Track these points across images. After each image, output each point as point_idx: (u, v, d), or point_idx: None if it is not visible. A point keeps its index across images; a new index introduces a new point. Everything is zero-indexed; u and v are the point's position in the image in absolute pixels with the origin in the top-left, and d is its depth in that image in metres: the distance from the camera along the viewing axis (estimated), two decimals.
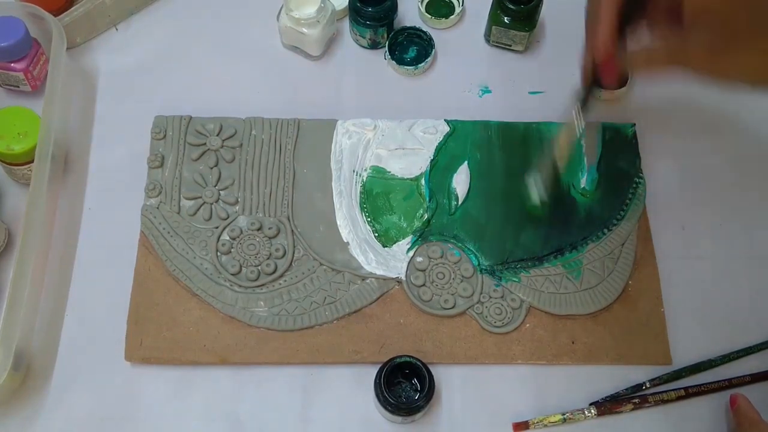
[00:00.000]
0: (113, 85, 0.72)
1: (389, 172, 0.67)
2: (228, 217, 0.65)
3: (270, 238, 0.64)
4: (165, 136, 0.68)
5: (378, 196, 0.66)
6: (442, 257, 0.63)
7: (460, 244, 0.64)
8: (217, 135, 0.68)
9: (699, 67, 0.50)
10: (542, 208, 0.63)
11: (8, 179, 0.67)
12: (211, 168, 0.67)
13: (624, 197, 0.66)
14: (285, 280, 0.63)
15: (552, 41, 0.74)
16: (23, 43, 0.66)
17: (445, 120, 0.69)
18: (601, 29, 0.52)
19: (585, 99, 0.58)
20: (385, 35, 0.73)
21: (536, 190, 0.62)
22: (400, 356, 0.56)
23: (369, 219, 0.65)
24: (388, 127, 0.68)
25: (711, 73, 0.51)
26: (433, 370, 0.56)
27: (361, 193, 0.66)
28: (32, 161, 0.62)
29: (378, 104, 0.71)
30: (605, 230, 0.65)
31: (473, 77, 0.73)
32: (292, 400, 0.59)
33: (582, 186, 0.66)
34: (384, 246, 0.64)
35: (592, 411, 0.58)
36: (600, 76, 0.55)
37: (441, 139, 0.68)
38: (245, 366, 0.60)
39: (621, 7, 0.52)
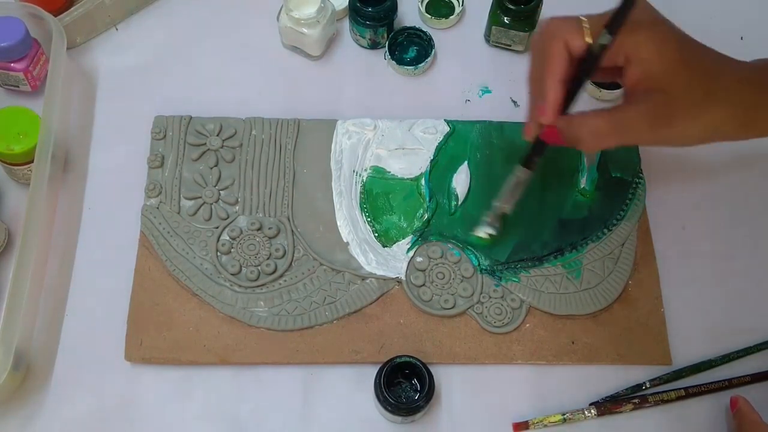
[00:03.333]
0: (113, 85, 0.72)
1: (389, 172, 0.67)
2: (228, 217, 0.65)
3: (270, 238, 0.64)
4: (165, 136, 0.68)
5: (378, 196, 0.66)
6: (442, 257, 0.63)
7: (460, 244, 0.64)
8: (217, 135, 0.68)
9: (641, 139, 0.52)
10: (484, 241, 0.62)
11: (8, 179, 0.67)
12: (211, 168, 0.67)
13: (624, 197, 0.66)
14: (285, 280, 0.63)
15: None
16: (23, 43, 0.66)
17: (445, 120, 0.69)
18: (547, 105, 0.52)
19: (528, 156, 0.57)
20: (385, 35, 0.73)
21: (485, 225, 0.61)
22: (400, 356, 0.56)
23: (369, 219, 0.65)
24: (388, 127, 0.68)
25: (653, 142, 0.53)
26: (433, 370, 0.56)
27: (361, 193, 0.66)
28: (32, 161, 0.62)
29: (378, 104, 0.71)
30: (605, 230, 0.65)
31: (473, 77, 0.73)
32: (292, 400, 0.59)
33: (582, 186, 0.66)
34: (384, 246, 0.64)
35: (592, 411, 0.58)
36: (545, 140, 0.55)
37: (441, 139, 0.68)
38: (245, 366, 0.60)
39: (565, 81, 0.51)
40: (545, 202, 0.66)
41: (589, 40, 0.50)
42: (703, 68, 0.50)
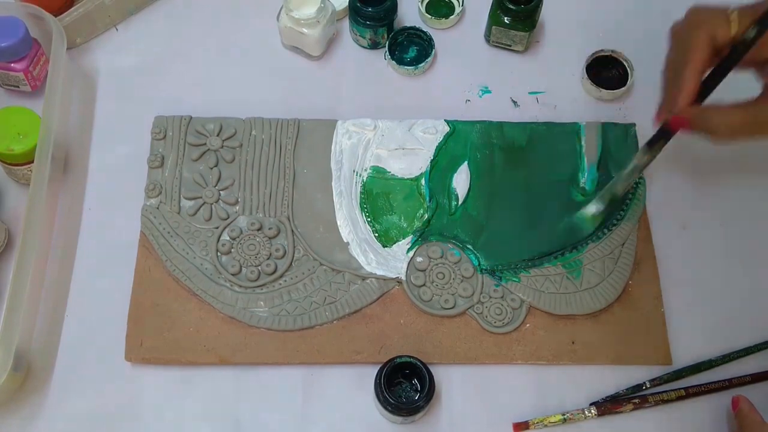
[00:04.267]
0: (113, 85, 0.72)
1: (389, 172, 0.67)
2: (228, 217, 0.65)
3: (270, 238, 0.64)
4: (165, 136, 0.68)
5: (378, 196, 0.66)
6: (442, 257, 0.63)
7: (460, 244, 0.64)
8: (217, 135, 0.68)
9: None
10: (591, 220, 0.64)
11: (8, 179, 0.67)
12: (211, 168, 0.67)
13: (624, 197, 0.66)
14: (285, 281, 0.63)
15: (552, 41, 0.74)
16: (23, 43, 0.66)
17: (445, 120, 0.69)
18: (682, 94, 0.51)
19: (653, 140, 0.58)
20: (385, 35, 0.73)
21: (591, 211, 0.64)
22: (400, 356, 0.56)
23: (369, 219, 0.65)
24: (388, 127, 0.68)
25: None
26: (433, 370, 0.56)
27: (361, 193, 0.66)
28: (32, 161, 0.62)
29: (378, 104, 0.71)
30: (605, 230, 0.65)
31: (473, 77, 0.73)
32: (292, 400, 0.59)
33: (582, 186, 0.66)
34: (384, 246, 0.64)
35: (592, 411, 0.58)
36: (674, 127, 0.55)
37: (441, 139, 0.68)
38: (245, 366, 0.60)
39: (704, 72, 0.51)
40: (545, 202, 0.66)
41: (734, 31, 0.49)
42: None
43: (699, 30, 0.51)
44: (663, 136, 0.57)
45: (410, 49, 0.74)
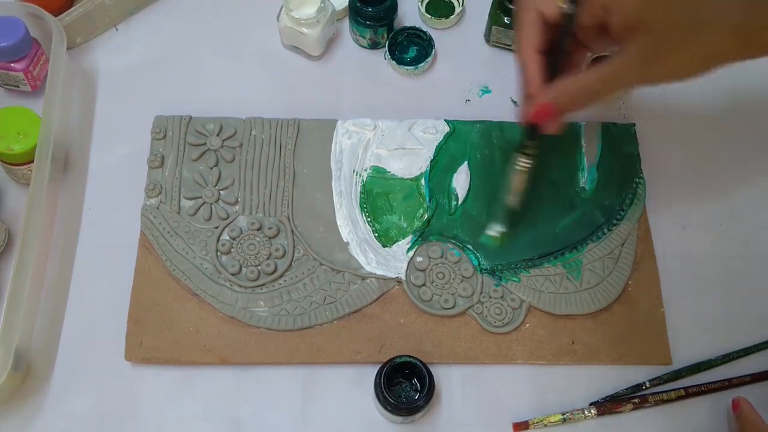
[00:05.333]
0: (113, 85, 0.72)
1: (389, 172, 0.67)
2: (228, 217, 0.65)
3: (270, 238, 0.64)
4: (165, 136, 0.68)
5: (378, 196, 0.66)
6: (442, 257, 0.63)
7: (460, 244, 0.64)
8: (217, 135, 0.68)
9: (636, 82, 0.50)
10: (499, 240, 0.63)
11: (8, 179, 0.67)
12: (211, 168, 0.67)
13: (624, 197, 0.66)
14: (285, 280, 0.63)
15: None
16: (23, 43, 0.66)
17: (445, 120, 0.69)
18: (528, 75, 0.51)
19: (522, 141, 0.57)
20: (385, 35, 0.73)
21: (495, 223, 0.62)
22: (400, 356, 0.56)
23: (369, 219, 0.65)
24: (388, 127, 0.68)
25: (652, 83, 0.50)
26: (433, 370, 0.56)
27: (361, 193, 0.66)
28: (32, 161, 0.62)
29: (378, 104, 0.71)
30: (605, 230, 0.65)
31: (473, 77, 0.73)
32: (292, 400, 0.59)
33: (582, 186, 0.66)
34: (384, 246, 0.64)
35: (592, 411, 0.58)
36: (538, 119, 0.54)
37: (441, 139, 0.68)
38: (245, 366, 0.60)
39: (543, 50, 0.51)
40: (545, 202, 0.66)
41: (562, 4, 0.49)
42: None
43: (527, 10, 0.51)
44: (529, 134, 0.55)
45: (410, 49, 0.74)
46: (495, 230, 0.62)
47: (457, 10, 0.75)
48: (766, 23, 0.46)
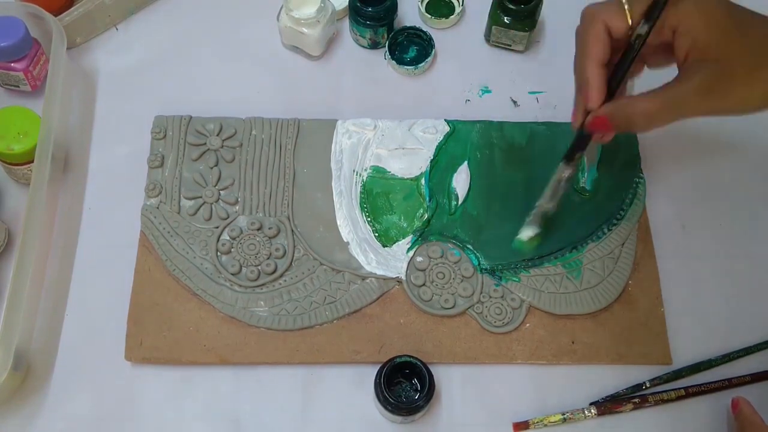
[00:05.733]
0: (113, 85, 0.72)
1: (389, 172, 0.67)
2: (228, 217, 0.65)
3: (270, 238, 0.64)
4: (165, 136, 0.68)
5: (378, 196, 0.66)
6: (442, 257, 0.63)
7: (460, 244, 0.64)
8: (217, 135, 0.68)
9: (698, 114, 0.50)
10: (530, 243, 0.63)
11: (8, 179, 0.67)
12: (211, 168, 0.67)
13: (624, 197, 0.66)
14: (285, 280, 0.63)
15: (552, 41, 0.75)
16: (23, 43, 0.66)
17: (445, 120, 0.69)
18: (590, 89, 0.51)
19: (571, 149, 0.57)
20: (385, 35, 0.73)
21: (529, 226, 0.62)
22: (400, 356, 0.56)
23: (369, 219, 0.65)
24: (388, 127, 0.68)
25: (711, 114, 0.50)
26: (433, 370, 0.56)
27: (361, 193, 0.66)
28: (32, 161, 0.62)
29: (378, 104, 0.71)
30: (605, 230, 0.65)
31: (473, 77, 0.73)
32: (292, 400, 0.59)
33: (582, 186, 0.66)
34: (384, 246, 0.64)
35: (592, 411, 0.58)
36: (591, 129, 0.53)
37: (441, 139, 0.68)
38: (245, 366, 0.60)
39: (606, 65, 0.51)
40: None
41: (632, 21, 0.49)
42: (755, 32, 0.48)
43: (593, 24, 0.50)
44: (581, 142, 0.55)
45: (410, 49, 0.74)
46: (527, 235, 0.62)
47: (457, 10, 0.75)
48: None
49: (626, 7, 0.49)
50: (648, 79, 0.54)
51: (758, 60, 0.47)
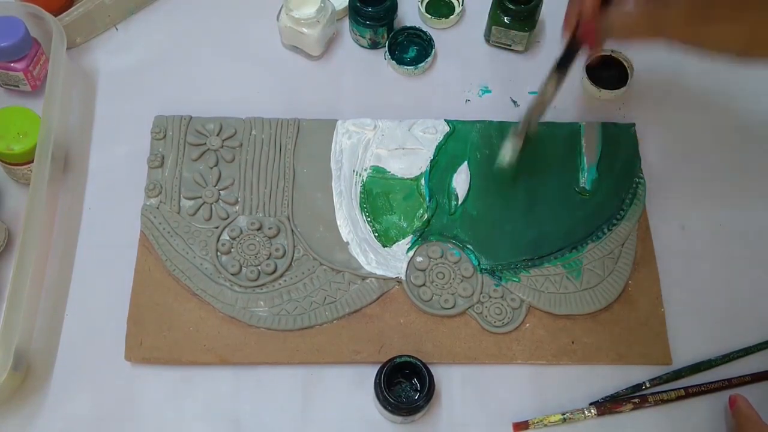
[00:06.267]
0: (113, 85, 0.72)
1: (389, 172, 0.67)
2: (228, 217, 0.65)
3: (270, 238, 0.64)
4: (165, 136, 0.68)
5: (378, 196, 0.66)
6: (442, 257, 0.63)
7: (460, 244, 0.64)
8: (217, 135, 0.68)
9: (679, 37, 0.50)
10: (509, 170, 0.63)
11: (8, 179, 0.67)
12: (211, 168, 0.67)
13: (624, 197, 0.66)
14: (285, 280, 0.63)
15: (552, 41, 0.74)
16: (23, 43, 0.66)
17: (445, 120, 0.69)
18: (586, 3, 0.51)
19: (563, 59, 0.57)
20: (385, 35, 0.73)
21: (508, 152, 0.63)
22: (400, 356, 0.56)
23: (369, 219, 0.65)
24: (388, 127, 0.68)
25: (692, 42, 0.50)
26: (433, 370, 0.56)
27: (361, 193, 0.66)
28: (32, 161, 0.62)
29: (378, 104, 0.71)
30: (605, 230, 0.65)
31: (473, 77, 0.73)
32: (292, 400, 0.59)
33: (582, 186, 0.66)
34: (384, 246, 0.64)
35: (592, 411, 0.58)
36: (581, 38, 0.54)
37: (441, 139, 0.68)
38: (245, 366, 0.60)
39: None
40: (545, 202, 0.66)
41: None
42: None
43: None
44: (571, 52, 0.56)
45: (410, 49, 0.74)
46: (509, 150, 0.63)
47: (457, 10, 0.75)
48: None
49: None
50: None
51: (744, 1, 0.47)
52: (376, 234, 0.64)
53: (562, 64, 0.58)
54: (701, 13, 0.48)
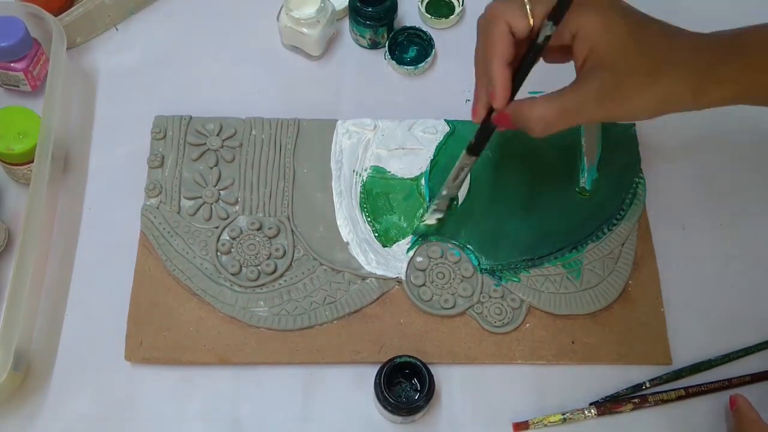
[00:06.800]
0: (113, 85, 0.72)
1: (389, 172, 0.67)
2: (228, 217, 0.65)
3: (270, 238, 0.64)
4: (165, 136, 0.68)
5: (378, 196, 0.66)
6: (442, 257, 0.63)
7: (460, 244, 0.64)
8: (217, 135, 0.68)
9: (594, 119, 0.51)
10: (435, 227, 0.64)
11: (8, 179, 0.67)
12: (211, 168, 0.67)
13: (624, 197, 0.66)
14: (285, 280, 0.63)
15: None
16: (23, 43, 0.66)
17: (445, 120, 0.69)
18: (496, 89, 0.51)
19: (476, 142, 0.56)
20: (385, 35, 0.73)
21: (434, 212, 0.63)
22: (400, 356, 0.56)
23: (369, 219, 0.65)
24: (388, 127, 0.68)
25: (606, 119, 0.51)
26: (433, 370, 0.56)
27: (361, 193, 0.66)
28: (32, 161, 0.62)
29: (378, 104, 0.71)
30: (605, 230, 0.65)
31: (473, 77, 0.72)
32: (292, 400, 0.59)
33: (582, 186, 0.66)
34: (384, 246, 0.64)
35: (592, 411, 0.58)
36: (496, 123, 0.53)
37: (441, 139, 0.68)
38: (245, 366, 0.60)
39: (511, 63, 0.51)
40: (545, 202, 0.66)
41: (531, 22, 0.49)
42: (652, 40, 0.49)
43: (496, 22, 0.50)
44: (484, 136, 0.55)
45: (410, 49, 0.74)
46: (434, 219, 0.63)
47: (457, 10, 0.75)
48: (719, 76, 0.49)
49: (528, 7, 0.50)
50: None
51: (652, 68, 0.48)
52: (376, 234, 0.64)
53: (476, 150, 0.57)
54: (615, 96, 0.49)
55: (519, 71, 0.51)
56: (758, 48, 0.50)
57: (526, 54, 0.51)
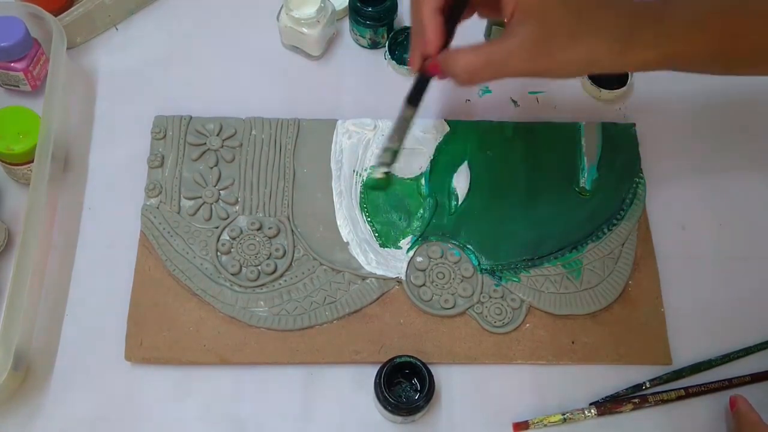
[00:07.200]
0: (113, 85, 0.72)
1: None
2: (228, 217, 0.65)
3: (270, 238, 0.64)
4: (165, 136, 0.68)
5: (378, 196, 0.66)
6: (442, 257, 0.63)
7: (460, 244, 0.64)
8: (217, 135, 0.68)
9: (519, 73, 0.51)
10: (384, 181, 0.63)
11: (8, 179, 0.67)
12: (211, 168, 0.67)
13: (624, 197, 0.66)
14: (285, 280, 0.63)
15: None
16: (23, 43, 0.66)
17: (445, 120, 0.69)
18: (427, 36, 0.51)
19: (413, 92, 0.56)
20: (385, 35, 0.73)
21: (380, 165, 0.62)
22: (400, 356, 0.56)
23: (369, 219, 0.65)
24: (388, 127, 0.68)
25: (530, 74, 0.51)
26: (433, 370, 0.56)
27: (361, 192, 0.66)
28: (32, 161, 0.62)
29: (378, 104, 0.71)
30: (605, 230, 0.65)
31: None
32: (292, 400, 0.59)
33: (582, 186, 0.66)
34: (384, 246, 0.64)
35: (592, 411, 0.58)
36: (429, 71, 0.54)
37: (441, 139, 0.68)
38: (245, 366, 0.60)
39: (442, 10, 0.51)
40: (545, 202, 0.66)
41: None
42: (579, 0, 0.50)
43: None
44: (421, 86, 0.56)
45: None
46: (380, 172, 0.61)
47: None
48: (640, 42, 0.49)
49: None
50: None
51: (575, 28, 0.49)
52: (376, 234, 0.64)
53: (414, 99, 0.57)
54: (539, 50, 0.49)
55: (450, 18, 0.52)
56: (679, 17, 0.50)
57: (453, 3, 0.52)
